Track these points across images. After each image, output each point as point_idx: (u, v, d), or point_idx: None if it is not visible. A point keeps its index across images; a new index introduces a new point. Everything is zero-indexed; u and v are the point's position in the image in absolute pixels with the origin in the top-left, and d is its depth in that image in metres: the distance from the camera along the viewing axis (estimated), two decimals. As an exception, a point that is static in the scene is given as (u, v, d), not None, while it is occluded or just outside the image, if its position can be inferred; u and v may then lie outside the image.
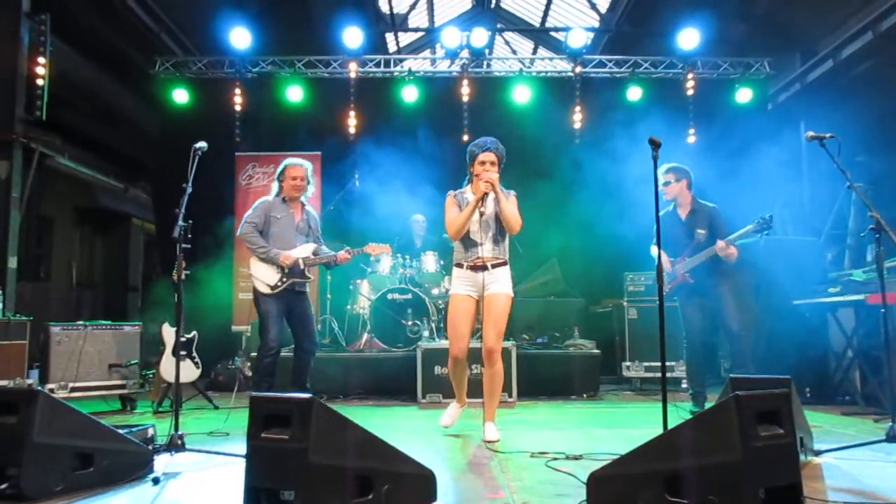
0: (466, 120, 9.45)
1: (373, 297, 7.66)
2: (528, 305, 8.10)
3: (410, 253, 7.99)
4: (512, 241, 4.80)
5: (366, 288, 8.05)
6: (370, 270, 8.00)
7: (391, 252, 5.54)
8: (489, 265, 4.51)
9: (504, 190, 4.56)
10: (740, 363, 5.36)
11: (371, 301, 7.65)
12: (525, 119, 9.47)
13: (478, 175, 4.50)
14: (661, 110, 8.99)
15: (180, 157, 4.44)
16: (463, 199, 4.60)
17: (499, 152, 4.56)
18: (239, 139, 9.39)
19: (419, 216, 8.41)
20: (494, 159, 4.51)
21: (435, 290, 7.76)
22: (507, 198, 4.54)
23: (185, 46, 10.45)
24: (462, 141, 9.01)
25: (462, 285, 4.55)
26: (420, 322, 7.32)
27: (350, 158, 9.11)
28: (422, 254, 7.88)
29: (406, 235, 8.42)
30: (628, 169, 7.79)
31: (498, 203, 4.47)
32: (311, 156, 9.49)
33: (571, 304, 8.22)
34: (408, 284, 7.63)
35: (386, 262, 7.90)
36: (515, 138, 9.39)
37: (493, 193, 4.44)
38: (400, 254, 7.93)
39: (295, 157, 5.66)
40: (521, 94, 9.49)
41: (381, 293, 7.50)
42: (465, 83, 9.56)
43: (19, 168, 8.18)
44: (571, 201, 8.81)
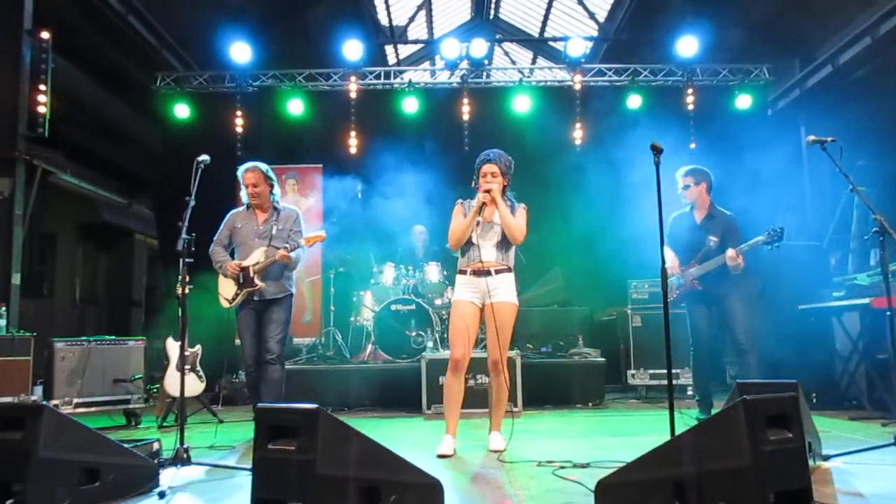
0: (467, 130, 9.48)
1: (376, 309, 7.65)
2: (532, 314, 8.08)
3: (413, 264, 8.00)
4: (516, 251, 4.78)
5: (369, 299, 8.05)
6: (373, 282, 8.01)
7: (324, 239, 5.24)
8: (493, 270, 4.48)
9: (514, 202, 4.58)
10: (745, 375, 5.27)
11: (375, 312, 7.64)
12: (526, 128, 9.49)
13: (479, 188, 4.52)
14: (662, 118, 9.02)
15: (182, 172, 4.45)
16: (469, 208, 4.60)
17: (501, 163, 4.54)
18: (240, 153, 9.41)
19: (419, 227, 8.41)
20: (496, 170, 4.51)
21: (438, 301, 7.75)
22: (516, 209, 4.55)
23: (186, 62, 10.50)
24: (463, 151, 9.04)
25: (465, 291, 4.52)
26: (424, 333, 7.32)
27: (351, 170, 9.13)
28: (425, 264, 7.88)
29: (409, 246, 8.42)
30: (630, 176, 7.81)
31: (499, 214, 4.47)
32: (313, 168, 9.58)
33: (575, 313, 8.20)
34: (411, 295, 7.63)
35: (389, 274, 7.91)
36: (516, 148, 9.34)
37: (494, 204, 4.44)
38: (403, 265, 7.94)
39: (247, 163, 5.39)
40: (522, 104, 9.51)
41: (385, 304, 7.50)
42: (465, 94, 9.60)
43: (22, 185, 8.20)
44: (574, 210, 8.82)
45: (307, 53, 10.75)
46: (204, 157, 4.37)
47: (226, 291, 5.24)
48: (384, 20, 14.51)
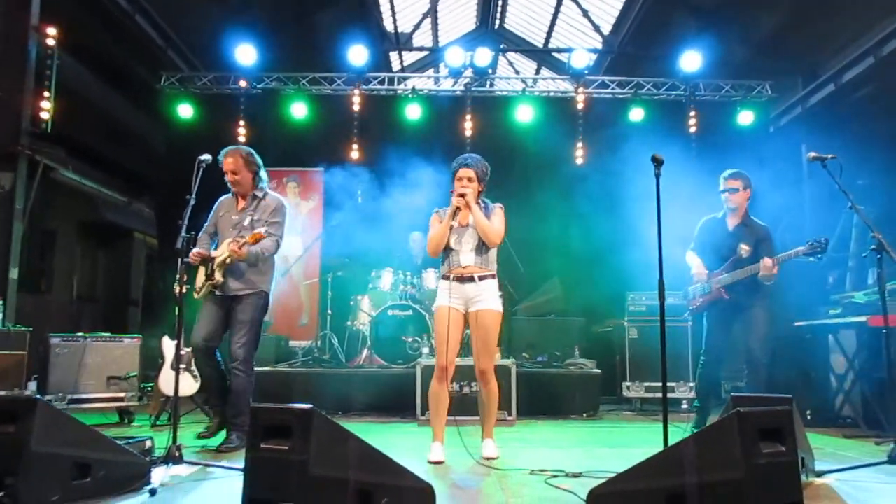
0: (469, 139, 9.50)
1: (373, 313, 7.65)
2: (529, 324, 8.09)
3: (411, 270, 8.00)
4: (513, 260, 4.78)
5: (366, 304, 8.05)
6: (371, 286, 8.02)
7: (263, 236, 4.72)
8: (476, 276, 4.45)
9: (489, 203, 4.58)
10: (755, 390, 5.15)
11: (372, 317, 7.65)
12: (527, 138, 9.53)
13: (453, 192, 4.51)
14: (663, 131, 9.06)
15: (184, 172, 4.45)
16: (445, 216, 4.58)
17: (478, 168, 4.52)
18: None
19: (416, 234, 8.39)
20: (472, 175, 4.49)
21: (435, 307, 7.74)
22: (492, 210, 4.54)
23: (191, 62, 10.54)
24: (465, 159, 9.05)
25: (447, 297, 4.45)
26: (420, 339, 7.32)
27: (353, 175, 9.14)
28: (422, 271, 7.89)
29: (406, 252, 8.43)
30: (630, 189, 7.83)
31: (473, 217, 4.45)
32: (314, 171, 9.59)
33: (572, 323, 8.20)
34: (408, 301, 7.63)
35: (387, 279, 7.92)
36: (517, 157, 9.50)
37: (468, 208, 4.43)
38: (401, 270, 7.95)
39: (228, 147, 5.00)
40: (524, 114, 9.54)
41: (382, 309, 7.51)
42: (469, 102, 9.63)
43: (23, 180, 8.22)
44: (573, 220, 8.84)
45: (312, 57, 10.78)
46: (205, 157, 4.38)
47: (197, 281, 4.91)
48: (390, 27, 14.56)
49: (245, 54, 9.24)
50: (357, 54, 9.33)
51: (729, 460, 2.36)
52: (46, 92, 8.18)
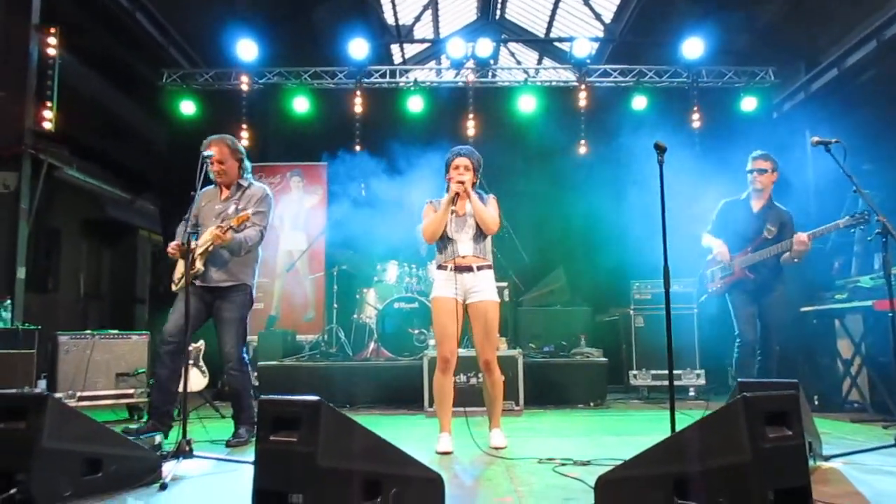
0: (472, 129, 9.49)
1: (379, 306, 7.67)
2: (535, 314, 8.09)
3: (417, 262, 8.01)
4: (518, 250, 4.78)
5: (372, 297, 8.07)
6: (377, 279, 8.03)
7: (249, 217, 4.55)
8: (474, 266, 4.47)
9: (483, 193, 4.59)
10: (767, 374, 5.18)
11: (378, 310, 7.66)
12: (530, 128, 9.52)
13: (450, 179, 4.52)
14: (666, 119, 9.03)
15: (187, 169, 4.46)
16: (440, 206, 4.58)
17: (473, 158, 4.55)
18: (246, 150, 9.44)
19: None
20: (468, 164, 4.51)
21: (432, 297, 7.75)
22: (487, 200, 4.56)
23: (192, 59, 10.53)
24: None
25: (446, 287, 4.45)
26: (426, 331, 7.33)
27: (356, 168, 9.14)
28: (428, 263, 7.89)
29: (412, 245, 8.43)
30: (634, 177, 7.81)
31: (472, 204, 4.46)
32: (318, 166, 9.60)
33: (578, 313, 8.19)
34: (414, 293, 7.64)
35: (393, 272, 7.94)
36: (521, 147, 9.49)
37: (466, 194, 4.43)
38: (406, 263, 7.96)
39: (212, 136, 4.82)
40: (527, 104, 9.52)
41: (388, 302, 7.52)
42: (471, 93, 9.62)
43: (28, 179, 8.25)
44: (578, 209, 8.82)
45: (313, 52, 10.78)
46: (209, 153, 4.39)
47: (175, 273, 4.76)
48: (390, 19, 14.54)
49: (246, 50, 9.25)
50: (358, 48, 9.33)
51: (735, 445, 2.37)
52: (49, 91, 8.19)
